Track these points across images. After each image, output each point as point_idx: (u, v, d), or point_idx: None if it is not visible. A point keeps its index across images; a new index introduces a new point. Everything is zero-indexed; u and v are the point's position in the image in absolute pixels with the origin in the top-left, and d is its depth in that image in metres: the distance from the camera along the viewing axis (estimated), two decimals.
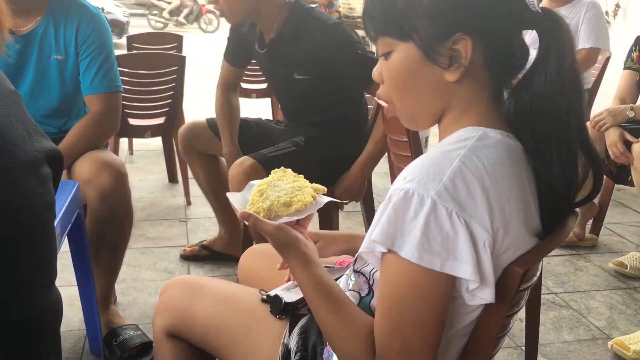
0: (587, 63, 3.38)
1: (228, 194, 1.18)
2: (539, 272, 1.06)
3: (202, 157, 2.50)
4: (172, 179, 3.70)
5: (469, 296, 0.87)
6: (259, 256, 1.46)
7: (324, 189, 1.16)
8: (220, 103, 2.42)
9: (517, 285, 0.89)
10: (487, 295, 0.85)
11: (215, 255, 2.66)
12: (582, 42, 3.37)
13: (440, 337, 0.87)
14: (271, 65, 2.26)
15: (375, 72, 0.98)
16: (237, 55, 2.43)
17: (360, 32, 1.93)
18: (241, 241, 2.56)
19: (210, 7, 8.66)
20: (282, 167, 1.20)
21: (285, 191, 1.11)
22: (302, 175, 1.18)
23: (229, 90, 2.46)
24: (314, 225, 1.21)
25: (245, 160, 2.11)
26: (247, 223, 1.05)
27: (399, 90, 0.95)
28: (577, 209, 1.05)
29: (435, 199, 0.81)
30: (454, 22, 0.88)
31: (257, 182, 1.16)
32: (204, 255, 2.67)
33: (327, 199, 1.14)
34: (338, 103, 2.26)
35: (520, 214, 0.89)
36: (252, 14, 2.15)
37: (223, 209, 2.60)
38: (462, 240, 0.81)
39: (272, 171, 1.19)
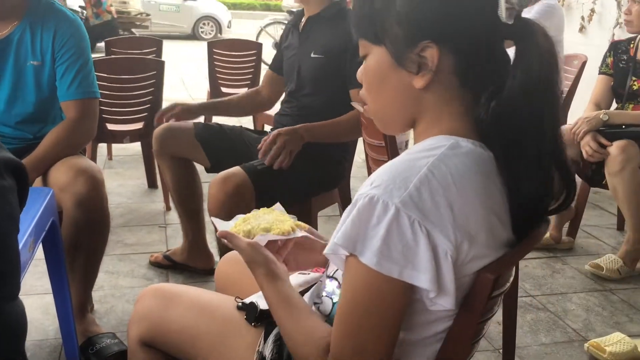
0: None
1: (212, 219, 1.27)
2: (512, 278, 1.07)
3: (174, 161, 2.44)
4: (152, 184, 3.67)
5: (430, 302, 0.88)
6: (236, 264, 1.45)
7: (306, 226, 1.24)
8: (246, 93, 2.66)
9: (488, 291, 0.90)
10: (446, 303, 0.86)
11: (177, 266, 2.63)
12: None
13: (394, 341, 0.88)
14: (299, 42, 2.34)
15: (359, 73, 1.01)
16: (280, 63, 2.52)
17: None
18: (202, 253, 2.60)
19: None
20: (272, 208, 1.29)
21: (267, 221, 1.20)
22: (287, 215, 1.26)
23: (258, 92, 2.63)
24: None
25: (233, 176, 2.04)
26: (224, 241, 1.12)
27: (372, 93, 0.98)
28: None
29: (399, 207, 0.82)
30: (422, 30, 0.89)
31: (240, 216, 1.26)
32: (166, 265, 2.65)
33: (306, 234, 1.21)
34: (332, 105, 2.26)
35: (489, 224, 0.90)
36: None
37: (187, 218, 2.55)
38: (422, 249, 0.82)
39: (261, 209, 1.27)
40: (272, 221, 1.19)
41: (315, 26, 2.29)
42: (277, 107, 2.62)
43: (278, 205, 1.32)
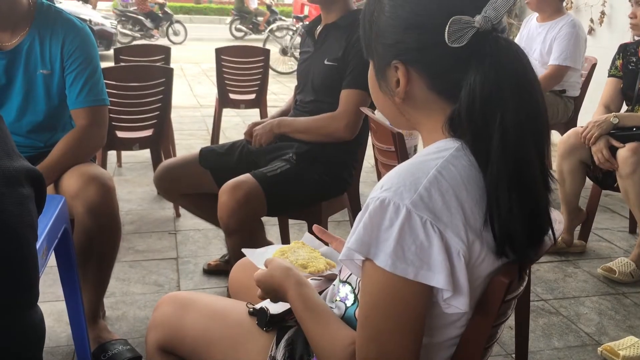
0: (553, 79, 3.52)
1: (244, 250, 1.36)
2: (525, 282, 1.06)
3: (185, 197, 2.41)
4: None
5: (445, 305, 0.88)
6: (248, 269, 1.46)
7: (334, 264, 1.33)
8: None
9: (502, 295, 0.89)
10: (461, 304, 0.86)
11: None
12: (552, 59, 3.48)
13: (419, 344, 0.88)
14: (313, 48, 2.36)
15: None
16: None
17: None
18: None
19: None
20: (302, 241, 1.41)
21: (303, 257, 1.32)
22: (318, 251, 1.38)
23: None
24: (303, 233, 1.41)
25: (243, 183, 2.04)
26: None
27: (372, 97, 1.05)
28: (561, 216, 1.05)
29: (410, 208, 0.82)
30: (393, 50, 0.93)
31: (276, 247, 1.39)
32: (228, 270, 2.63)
33: (334, 273, 1.28)
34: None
35: None
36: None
37: None
38: (436, 250, 0.82)
39: (294, 242, 1.40)
40: (308, 258, 1.31)
41: (330, 34, 2.30)
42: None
43: (307, 235, 1.44)
